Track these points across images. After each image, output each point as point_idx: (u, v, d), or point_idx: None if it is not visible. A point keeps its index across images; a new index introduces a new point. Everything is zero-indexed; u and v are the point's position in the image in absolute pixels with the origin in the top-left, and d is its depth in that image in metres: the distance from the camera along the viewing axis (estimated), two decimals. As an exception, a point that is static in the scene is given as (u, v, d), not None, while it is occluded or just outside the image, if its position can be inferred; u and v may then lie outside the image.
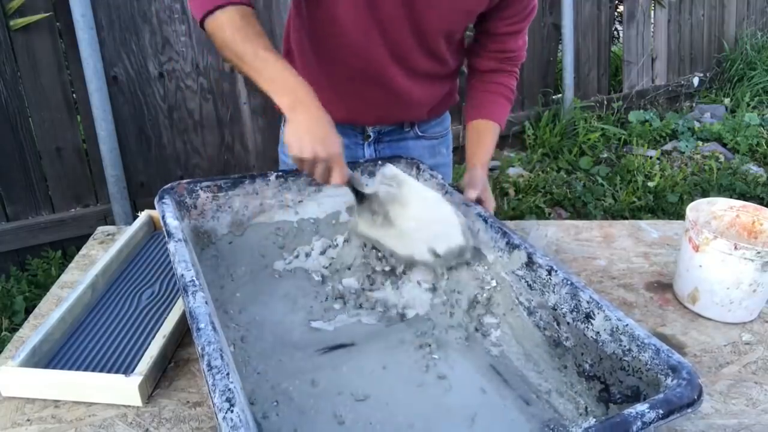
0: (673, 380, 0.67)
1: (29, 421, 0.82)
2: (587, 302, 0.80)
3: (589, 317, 0.80)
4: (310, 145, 0.90)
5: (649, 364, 0.71)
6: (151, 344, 0.91)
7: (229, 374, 0.64)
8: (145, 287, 1.08)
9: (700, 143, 4.04)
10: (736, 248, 0.99)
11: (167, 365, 0.93)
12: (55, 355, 0.91)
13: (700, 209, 1.15)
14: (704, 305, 1.07)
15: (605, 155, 3.83)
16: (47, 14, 2.24)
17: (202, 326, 0.70)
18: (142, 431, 0.81)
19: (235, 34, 0.96)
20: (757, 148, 3.93)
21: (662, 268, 1.23)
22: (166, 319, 0.98)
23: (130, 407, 0.85)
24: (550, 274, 0.87)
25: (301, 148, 0.90)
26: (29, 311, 1.76)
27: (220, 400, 0.60)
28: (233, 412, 0.59)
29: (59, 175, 2.46)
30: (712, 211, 1.16)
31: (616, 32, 4.63)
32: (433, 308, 1.06)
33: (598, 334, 0.78)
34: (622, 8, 4.29)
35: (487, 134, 1.24)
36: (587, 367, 0.80)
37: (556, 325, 0.86)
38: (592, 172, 3.59)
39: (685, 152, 3.94)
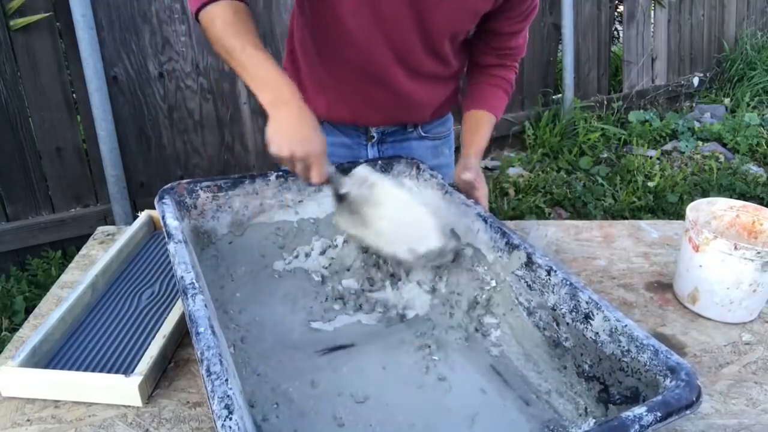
0: (671, 381, 0.67)
1: (29, 421, 0.82)
2: (586, 302, 0.80)
3: (588, 318, 0.80)
4: (288, 143, 0.90)
5: (648, 365, 0.71)
6: (151, 344, 0.91)
7: (228, 380, 0.63)
8: (145, 287, 1.08)
9: (700, 143, 4.04)
10: (736, 248, 0.99)
11: (167, 365, 0.93)
12: (55, 355, 0.91)
13: (700, 209, 1.15)
14: (704, 305, 1.07)
15: (605, 155, 3.83)
16: (47, 14, 2.24)
17: (201, 330, 0.70)
18: (142, 431, 0.81)
19: (225, 28, 0.96)
20: (757, 148, 3.93)
21: (662, 268, 1.23)
22: (166, 319, 0.98)
23: (130, 407, 0.85)
24: (549, 274, 0.87)
25: (280, 145, 0.91)
26: (29, 311, 1.76)
27: (218, 407, 0.60)
28: (232, 419, 0.59)
29: (59, 175, 2.46)
30: (712, 211, 1.16)
31: (616, 32, 4.63)
32: (432, 309, 1.06)
33: (597, 334, 0.79)
34: (622, 8, 4.29)
35: (483, 124, 1.26)
36: (586, 367, 0.80)
37: (555, 325, 0.86)
38: (592, 172, 3.59)
39: (685, 152, 3.94)
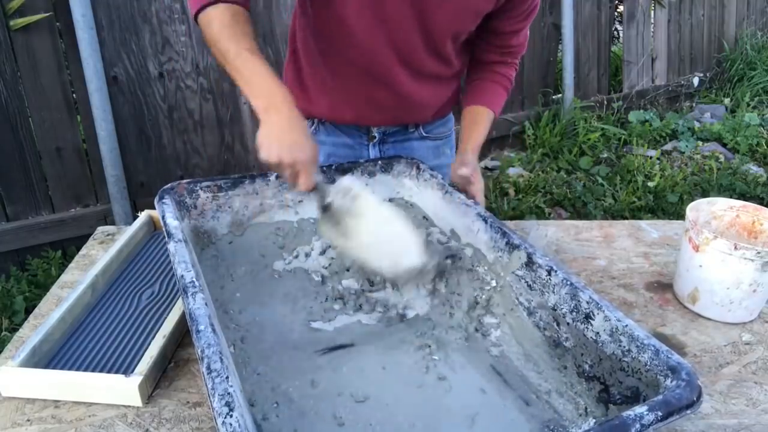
0: (672, 381, 0.67)
1: (29, 421, 0.82)
2: (587, 302, 0.80)
3: (588, 318, 0.80)
4: (278, 149, 0.89)
5: (648, 364, 0.71)
6: (151, 344, 0.91)
7: (228, 377, 0.63)
8: (145, 287, 1.08)
9: (700, 143, 4.04)
10: (736, 248, 0.99)
11: (167, 365, 0.93)
12: (55, 355, 0.91)
13: (700, 209, 1.15)
14: (704, 305, 1.07)
15: (605, 155, 3.83)
16: (47, 14, 2.23)
17: (201, 328, 0.70)
18: (142, 431, 0.81)
19: (222, 31, 0.96)
20: (757, 148, 3.93)
21: (662, 268, 1.23)
22: (166, 319, 0.98)
23: (130, 407, 0.85)
24: (549, 274, 0.87)
25: (269, 151, 0.90)
26: (29, 311, 1.76)
27: (219, 404, 0.60)
28: (232, 416, 0.59)
29: (59, 175, 2.46)
30: (712, 211, 1.16)
31: (616, 32, 4.63)
32: (433, 309, 1.06)
33: (597, 334, 0.79)
34: (622, 8, 4.29)
35: (482, 120, 1.27)
36: (587, 367, 0.80)
37: (555, 325, 0.86)
38: (592, 172, 3.59)
39: (685, 152, 3.94)
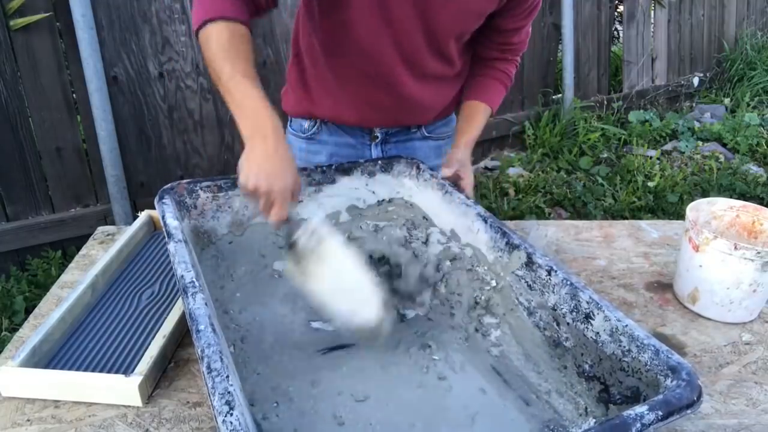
0: (672, 381, 0.67)
1: (29, 421, 0.82)
2: (587, 302, 0.80)
3: (588, 317, 0.80)
4: (255, 176, 0.87)
5: (648, 364, 0.71)
6: (151, 344, 0.91)
7: (228, 377, 0.64)
8: (145, 287, 1.08)
9: (700, 143, 4.04)
10: (736, 248, 0.99)
11: (167, 365, 0.93)
12: (55, 355, 0.91)
13: (700, 209, 1.15)
14: (704, 305, 1.07)
15: (605, 155, 3.83)
16: (47, 14, 2.23)
17: (201, 328, 0.70)
18: (142, 431, 0.81)
19: (218, 51, 0.93)
20: (757, 148, 3.93)
21: (662, 268, 1.23)
22: (166, 319, 0.98)
23: (130, 407, 0.85)
24: (549, 274, 0.87)
25: (247, 177, 0.88)
26: (29, 311, 1.76)
27: (219, 403, 0.60)
28: (233, 415, 0.59)
29: (59, 175, 2.46)
30: (712, 211, 1.16)
31: (616, 32, 4.63)
32: (433, 309, 1.06)
33: (597, 334, 0.78)
34: (622, 8, 4.29)
35: (478, 115, 1.29)
36: (587, 367, 0.80)
37: (555, 325, 0.86)
38: (592, 172, 3.59)
39: (685, 152, 3.94)
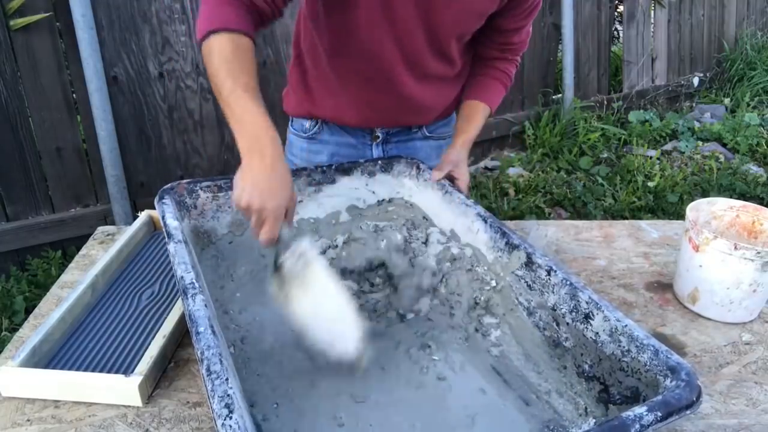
0: (671, 381, 0.67)
1: (29, 421, 0.82)
2: (586, 302, 0.80)
3: (588, 318, 0.80)
4: (249, 193, 0.84)
5: (648, 365, 0.71)
6: (151, 344, 0.91)
7: (228, 379, 0.63)
8: (145, 287, 1.08)
9: (700, 143, 4.04)
10: (736, 248, 0.99)
11: (167, 365, 0.93)
12: (55, 355, 0.91)
13: (700, 209, 1.15)
14: (704, 305, 1.07)
15: (605, 155, 3.83)
16: (47, 14, 2.23)
17: (201, 330, 0.70)
18: (142, 431, 0.81)
19: (221, 64, 0.91)
20: (757, 148, 3.93)
21: (662, 268, 1.23)
22: (166, 319, 0.98)
23: (130, 407, 0.85)
24: (549, 274, 0.87)
25: (240, 194, 0.85)
26: (29, 311, 1.77)
27: (219, 406, 0.60)
28: (232, 418, 0.59)
29: (59, 175, 2.46)
30: (712, 211, 1.16)
31: (616, 32, 4.63)
32: (432, 309, 1.06)
33: (597, 334, 0.79)
34: (622, 8, 4.29)
35: (477, 114, 1.29)
36: (587, 367, 0.80)
37: (555, 325, 0.86)
38: (592, 172, 3.59)
39: (685, 152, 3.94)
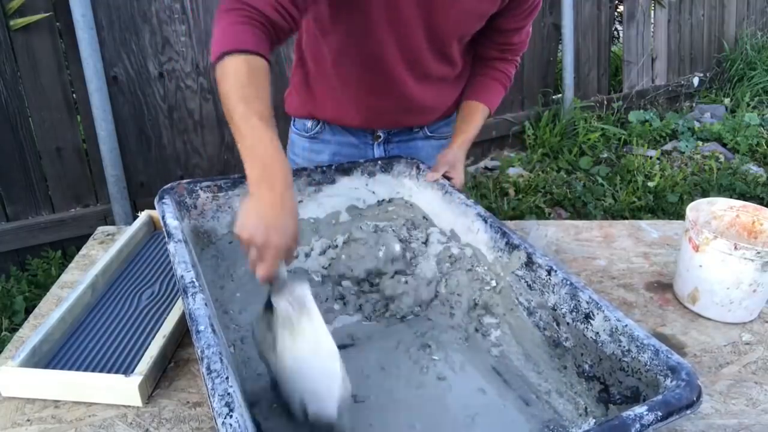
0: (672, 381, 0.67)
1: (29, 421, 0.82)
2: (587, 302, 0.80)
3: (588, 317, 0.80)
4: (253, 227, 0.80)
5: (648, 364, 0.71)
6: (151, 344, 0.91)
7: (228, 378, 0.63)
8: (145, 287, 1.08)
9: (700, 143, 4.04)
10: (736, 248, 0.99)
11: (167, 365, 0.93)
12: (55, 355, 0.91)
13: (700, 209, 1.15)
14: (704, 305, 1.07)
15: (605, 155, 3.83)
16: (47, 14, 2.23)
17: (201, 329, 0.70)
18: (142, 431, 0.81)
19: (235, 88, 0.87)
20: (757, 148, 3.93)
21: (662, 268, 1.23)
22: (166, 319, 0.98)
23: (130, 407, 0.85)
24: (549, 274, 0.87)
25: (243, 225, 0.81)
26: (29, 311, 1.76)
27: (219, 404, 0.60)
28: (232, 417, 0.59)
29: (59, 175, 2.46)
30: (712, 211, 1.16)
31: (616, 32, 4.63)
32: (432, 309, 1.06)
33: (597, 334, 0.78)
34: (622, 8, 4.29)
35: (476, 115, 1.30)
36: (587, 367, 0.80)
37: (555, 325, 0.86)
38: (592, 172, 3.59)
39: (685, 152, 3.94)
